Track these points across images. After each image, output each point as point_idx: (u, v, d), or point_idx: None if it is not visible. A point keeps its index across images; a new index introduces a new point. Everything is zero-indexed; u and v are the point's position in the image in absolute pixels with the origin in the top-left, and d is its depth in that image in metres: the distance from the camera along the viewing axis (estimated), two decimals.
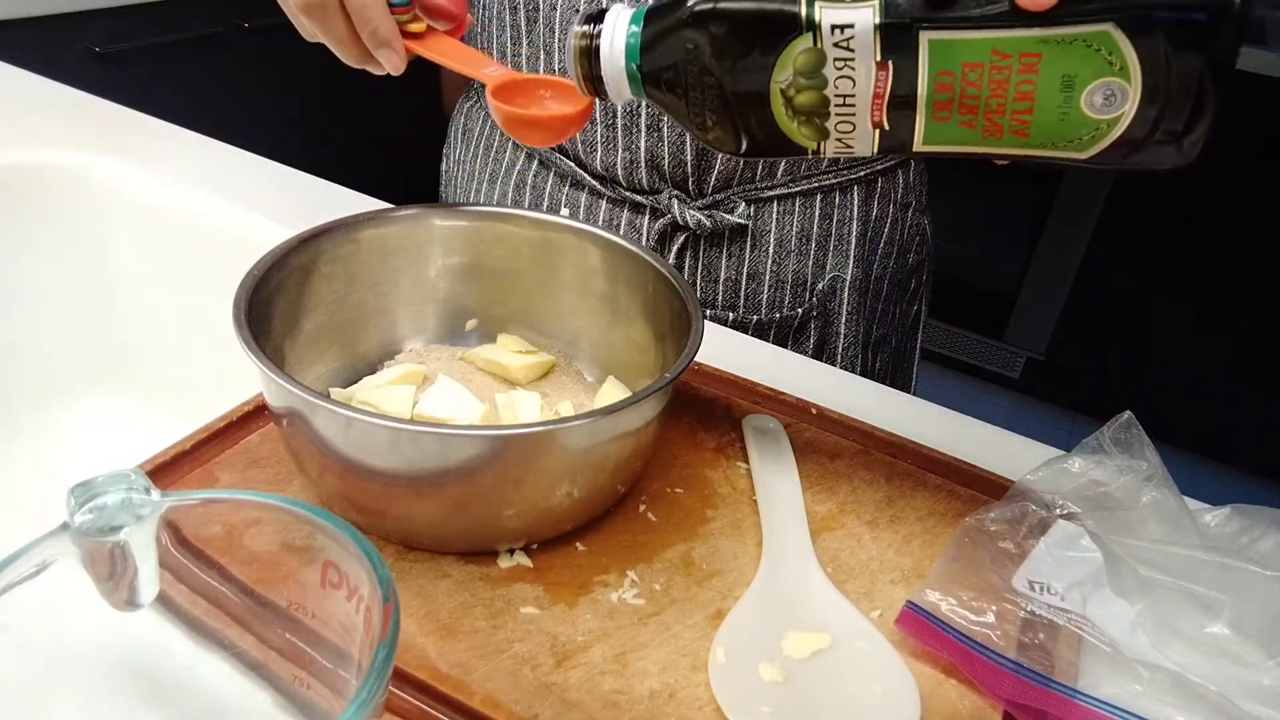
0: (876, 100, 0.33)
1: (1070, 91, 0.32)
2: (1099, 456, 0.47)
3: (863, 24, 0.32)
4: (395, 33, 0.46)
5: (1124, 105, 0.31)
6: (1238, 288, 1.91)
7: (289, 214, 0.66)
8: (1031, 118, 0.32)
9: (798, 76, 0.34)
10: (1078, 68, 0.31)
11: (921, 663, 0.40)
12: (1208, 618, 0.40)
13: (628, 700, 0.37)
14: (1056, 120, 0.32)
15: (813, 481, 0.49)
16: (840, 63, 0.33)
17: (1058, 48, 0.31)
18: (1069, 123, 0.32)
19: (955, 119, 0.33)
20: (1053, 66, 0.31)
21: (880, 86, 0.33)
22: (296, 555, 0.31)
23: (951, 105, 0.33)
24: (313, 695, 0.33)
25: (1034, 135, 0.33)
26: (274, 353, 0.45)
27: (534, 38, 0.68)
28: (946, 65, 0.32)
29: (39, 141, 0.72)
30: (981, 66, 0.32)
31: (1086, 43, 0.31)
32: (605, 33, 0.38)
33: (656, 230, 0.69)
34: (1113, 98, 0.31)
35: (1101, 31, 0.30)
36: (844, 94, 0.34)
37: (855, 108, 0.34)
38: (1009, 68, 0.31)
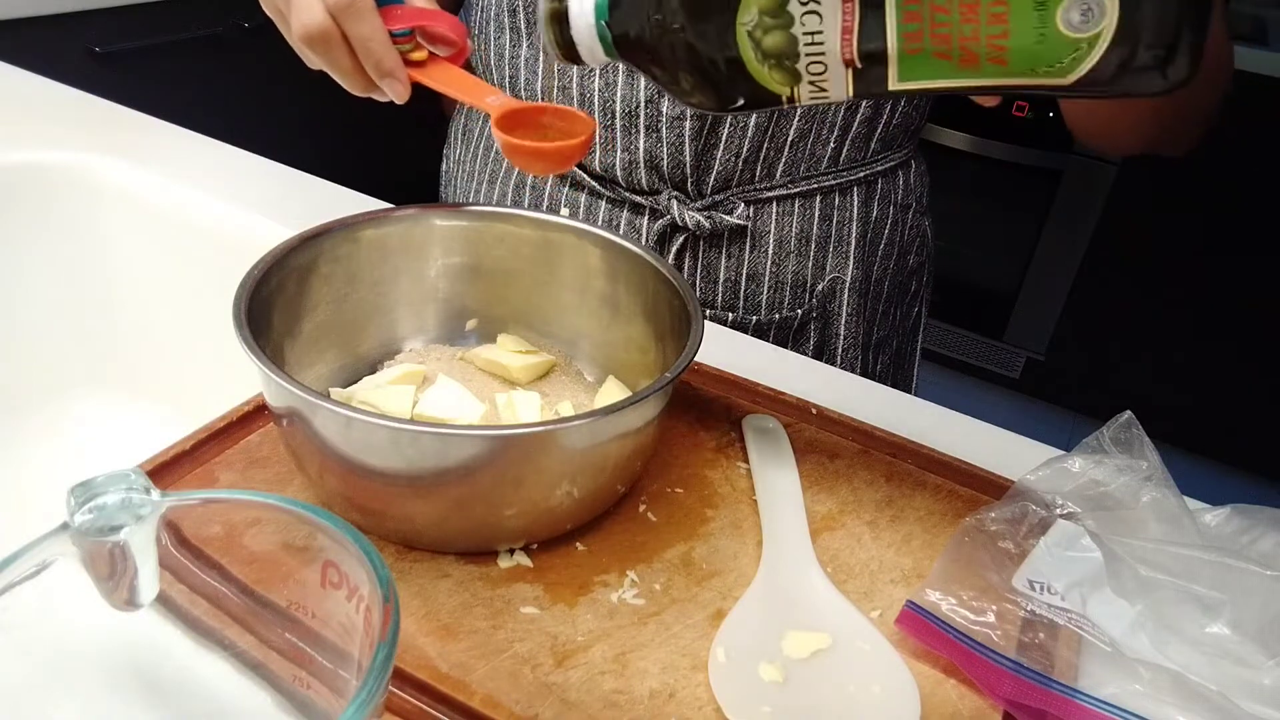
0: (845, 35, 0.32)
1: (1044, 9, 0.30)
2: (1099, 456, 0.47)
3: None
4: (399, 63, 0.47)
5: (1103, 20, 0.30)
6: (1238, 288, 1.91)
7: (289, 214, 0.66)
8: (1008, 42, 0.31)
9: (763, 16, 0.33)
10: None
11: (921, 663, 0.40)
12: (1208, 618, 0.40)
13: (628, 700, 0.37)
14: (1034, 42, 0.31)
15: (813, 481, 0.49)
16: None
17: None
18: (1048, 44, 0.30)
19: (929, 49, 0.32)
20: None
21: (848, 19, 0.32)
22: (296, 555, 0.31)
23: (923, 35, 0.31)
24: (313, 695, 0.33)
25: (1013, 61, 0.31)
26: (274, 353, 0.45)
27: (534, 39, 0.68)
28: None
29: (39, 141, 0.72)
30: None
31: None
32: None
33: (656, 231, 0.69)
34: (1090, 13, 0.30)
35: None
36: (811, 31, 0.33)
37: (825, 46, 0.33)
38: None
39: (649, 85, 0.64)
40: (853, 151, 0.70)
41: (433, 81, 0.48)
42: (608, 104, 0.66)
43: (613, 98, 0.65)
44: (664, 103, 0.64)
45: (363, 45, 0.46)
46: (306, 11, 0.46)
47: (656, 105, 0.64)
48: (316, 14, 0.45)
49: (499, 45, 0.70)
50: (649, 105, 0.64)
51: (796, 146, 0.67)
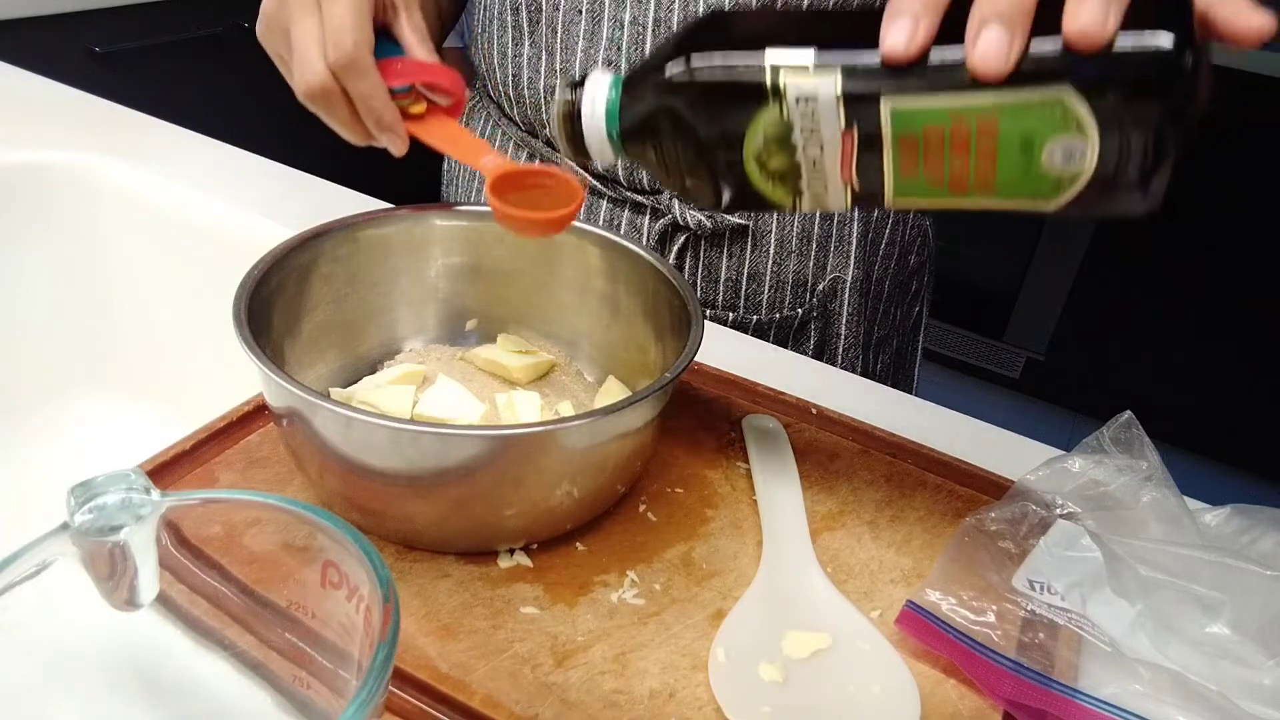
0: (844, 163, 0.34)
1: (1030, 150, 0.32)
2: (1099, 456, 0.47)
3: (825, 94, 0.33)
4: (398, 118, 0.48)
5: (1083, 161, 0.32)
6: (1238, 287, 1.91)
7: (289, 214, 0.66)
8: (996, 177, 0.33)
9: (768, 144, 0.35)
10: (1035, 128, 0.32)
11: (921, 663, 0.40)
12: (1208, 618, 0.40)
13: (628, 700, 0.37)
14: (1019, 176, 0.33)
15: (813, 481, 0.49)
16: (806, 130, 0.34)
17: (1014, 111, 0.32)
18: (1031, 178, 0.33)
19: (922, 176, 0.34)
20: (1011, 127, 0.32)
21: (847, 149, 0.34)
22: (296, 555, 0.31)
23: (916, 164, 0.34)
24: (313, 695, 0.33)
25: (999, 189, 0.34)
26: (274, 353, 0.45)
27: (536, 38, 0.68)
28: (908, 128, 0.33)
29: (39, 141, 0.72)
30: (942, 128, 0.33)
31: (1042, 105, 0.31)
32: (585, 99, 0.39)
33: (657, 230, 0.69)
34: (1071, 154, 0.32)
35: (1055, 96, 0.31)
36: (813, 158, 0.35)
37: (825, 170, 0.35)
38: (968, 129, 0.32)
39: None
40: None
41: (430, 138, 0.49)
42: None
43: None
44: None
45: (363, 102, 0.47)
46: (309, 69, 0.46)
47: None
48: (318, 71, 0.46)
49: (501, 44, 0.70)
50: None
51: None
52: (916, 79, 0.32)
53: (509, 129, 0.75)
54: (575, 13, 0.64)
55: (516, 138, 0.74)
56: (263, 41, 0.51)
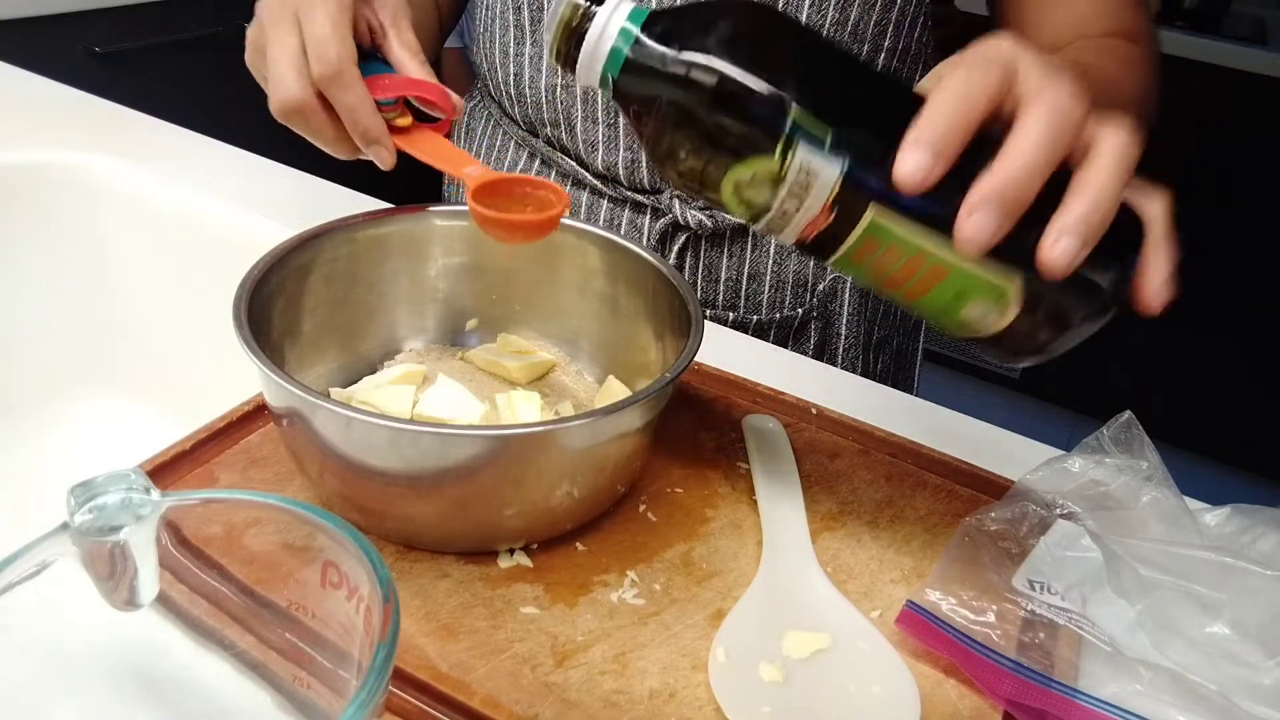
0: (810, 226, 0.36)
1: (959, 299, 0.35)
2: (1099, 456, 0.47)
3: (826, 176, 0.34)
4: (384, 131, 0.48)
5: (993, 326, 0.36)
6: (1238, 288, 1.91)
7: (289, 214, 0.66)
8: (924, 298, 0.36)
9: (754, 180, 0.35)
10: (973, 291, 0.35)
11: (921, 663, 0.40)
12: (1208, 618, 0.40)
13: (628, 700, 0.37)
14: (939, 310, 0.37)
15: (813, 481, 0.49)
16: (794, 191, 0.35)
17: (965, 273, 0.35)
18: (949, 314, 0.37)
19: (867, 265, 0.36)
20: (955, 281, 0.35)
21: (820, 222, 0.35)
22: (296, 555, 0.31)
23: (868, 257, 0.36)
24: (313, 695, 0.33)
25: (919, 307, 0.37)
26: (274, 353, 0.45)
27: (538, 37, 0.68)
28: (877, 237, 0.35)
29: (39, 141, 0.72)
30: (902, 254, 0.35)
31: (988, 281, 0.35)
32: (595, 25, 0.36)
33: (657, 230, 0.69)
34: (987, 318, 0.36)
35: (1002, 285, 0.34)
36: (786, 210, 0.36)
37: (791, 221, 0.36)
38: (921, 264, 0.35)
39: None
40: None
41: (417, 150, 0.49)
42: (611, 102, 0.66)
43: None
44: None
45: (349, 114, 0.47)
46: (283, 85, 0.46)
47: None
48: (292, 86, 0.46)
49: (503, 43, 0.70)
50: None
51: None
52: (907, 208, 0.34)
53: (510, 128, 0.75)
54: None
55: (517, 137, 0.74)
56: (251, 68, 0.51)
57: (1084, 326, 0.36)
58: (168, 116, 0.81)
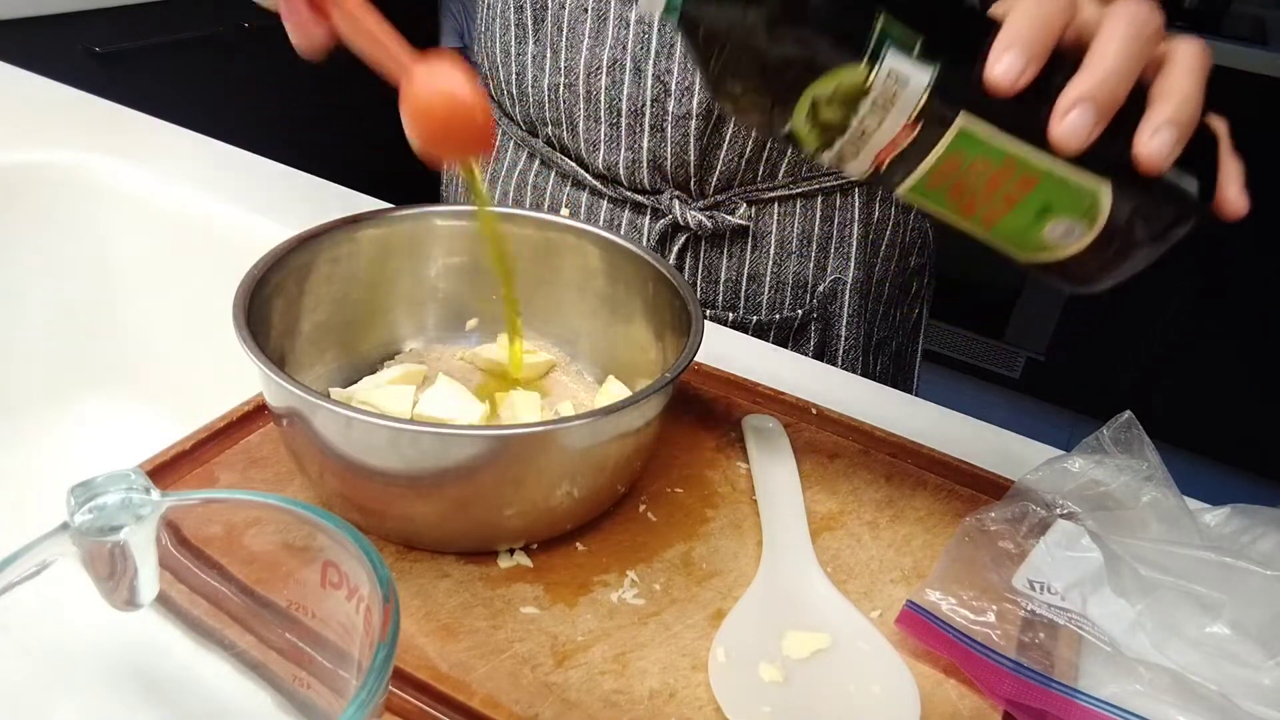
0: (889, 148, 0.35)
1: (1043, 216, 0.34)
2: (1099, 456, 0.47)
3: (915, 84, 0.33)
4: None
5: (1075, 244, 0.35)
6: (1238, 287, 1.91)
7: (289, 214, 0.66)
8: (1003, 219, 0.35)
9: (835, 95, 0.34)
10: (1059, 201, 0.34)
11: (921, 663, 0.40)
12: (1208, 618, 0.40)
13: (628, 700, 0.37)
14: (1019, 229, 0.35)
15: (813, 481, 0.49)
16: (878, 104, 0.34)
17: (1055, 181, 0.34)
18: (1026, 235, 0.35)
19: (944, 190, 0.35)
20: (1042, 191, 0.34)
21: (900, 139, 0.34)
22: (296, 555, 0.31)
23: (947, 180, 0.35)
24: (313, 695, 0.33)
25: (995, 230, 0.36)
26: (274, 353, 0.45)
27: (541, 36, 0.68)
28: (963, 150, 0.34)
29: (39, 141, 0.72)
30: (989, 166, 0.34)
31: (1078, 188, 0.34)
32: None
33: (657, 231, 0.69)
34: (1070, 235, 0.35)
35: (1095, 188, 0.33)
36: (865, 129, 0.35)
37: (868, 143, 0.35)
38: (1010, 177, 0.34)
39: (655, 85, 0.64)
40: None
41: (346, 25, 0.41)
42: (614, 102, 0.66)
43: (619, 96, 0.65)
44: (670, 102, 0.64)
45: None
46: None
47: (662, 105, 0.64)
48: None
49: (504, 43, 0.70)
50: (654, 105, 0.64)
51: None
52: (999, 113, 0.33)
53: (509, 129, 0.75)
54: (581, 11, 0.64)
55: (517, 138, 0.74)
56: None
57: (1166, 236, 0.35)
58: (168, 116, 0.81)
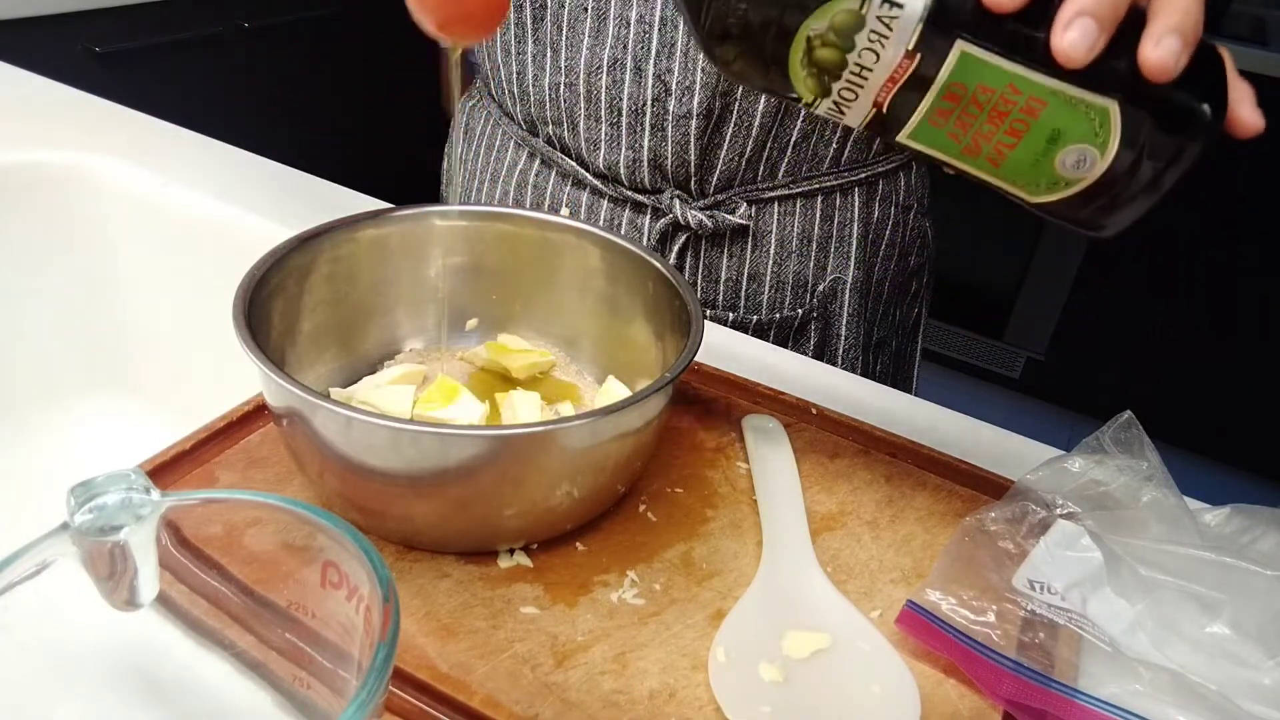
0: (888, 84, 0.34)
1: (1053, 145, 0.34)
2: (1099, 456, 0.47)
3: (911, 9, 0.33)
4: None
5: (1089, 172, 0.34)
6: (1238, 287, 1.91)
7: (289, 214, 0.66)
8: (1011, 153, 0.34)
9: (830, 31, 0.34)
10: (1069, 126, 0.33)
11: (921, 663, 0.40)
12: (1208, 618, 0.40)
13: (628, 700, 0.37)
14: (1029, 163, 0.34)
15: (813, 481, 0.49)
16: (874, 36, 0.33)
17: (1063, 102, 0.33)
18: (1037, 169, 0.34)
19: (948, 128, 0.35)
20: (1051, 117, 0.33)
21: (899, 73, 0.34)
22: (296, 555, 0.31)
23: (950, 115, 0.34)
24: (313, 695, 0.33)
25: (1004, 168, 0.35)
26: (274, 353, 0.45)
27: (541, 35, 0.68)
28: (965, 79, 0.33)
29: (39, 141, 0.72)
30: (994, 93, 0.33)
31: (1088, 108, 0.33)
32: None
33: (657, 230, 0.69)
34: (1083, 163, 0.34)
35: (1105, 106, 0.33)
36: (863, 65, 0.34)
37: (866, 82, 0.34)
38: (1015, 104, 0.33)
39: (656, 84, 0.64)
40: (855, 153, 0.70)
41: None
42: (614, 101, 0.66)
43: (619, 95, 0.65)
44: (670, 102, 0.64)
45: None
46: None
47: (663, 104, 0.64)
48: None
49: (504, 41, 0.70)
50: (655, 104, 0.64)
51: (799, 147, 0.67)
52: (998, 34, 0.33)
53: (509, 128, 0.75)
54: (581, 10, 0.64)
55: (517, 137, 0.74)
56: None
57: (1179, 158, 0.34)
58: (168, 116, 0.81)
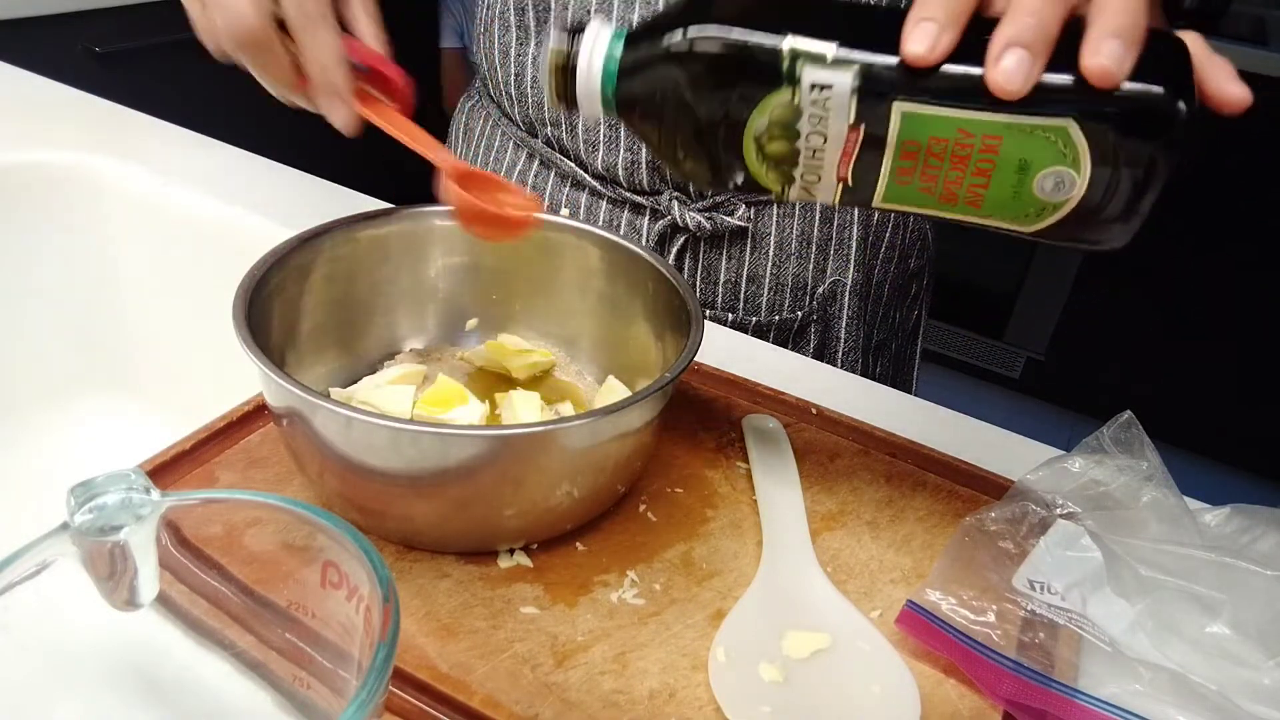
0: (844, 158, 0.35)
1: (1024, 174, 0.33)
2: (1099, 456, 0.47)
3: (840, 87, 0.33)
4: (350, 87, 0.44)
5: (1070, 192, 0.33)
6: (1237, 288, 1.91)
7: (289, 214, 0.66)
8: (986, 192, 0.34)
9: (772, 126, 0.35)
10: (1035, 154, 0.33)
11: (921, 663, 0.40)
12: (1208, 618, 0.40)
13: (628, 700, 0.37)
14: (1008, 197, 0.34)
15: (813, 481, 0.49)
16: (815, 119, 0.34)
17: (1019, 133, 0.33)
18: (1019, 201, 0.34)
19: (916, 184, 0.35)
20: (1012, 149, 0.33)
21: (850, 146, 0.34)
22: (296, 555, 0.31)
23: (914, 171, 0.34)
24: (313, 695, 0.33)
25: (985, 207, 0.35)
26: (274, 353, 0.45)
27: (542, 38, 0.68)
28: (914, 135, 0.34)
29: (39, 141, 0.72)
30: (947, 141, 0.33)
31: (1046, 133, 0.32)
32: (583, 51, 0.38)
33: (656, 231, 0.69)
34: (1061, 185, 0.33)
35: (1061, 126, 0.32)
36: (814, 148, 0.35)
37: (823, 162, 0.35)
38: (972, 145, 0.33)
39: None
40: None
41: (387, 122, 0.45)
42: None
43: None
44: None
45: (320, 65, 0.43)
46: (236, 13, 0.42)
47: None
48: (249, 17, 0.42)
49: (504, 43, 0.70)
50: None
51: None
52: (933, 86, 0.33)
53: (508, 129, 0.75)
54: (583, 12, 0.65)
55: (516, 138, 0.74)
56: None
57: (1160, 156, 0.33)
58: (168, 116, 0.81)
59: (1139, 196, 0.33)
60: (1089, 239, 0.35)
